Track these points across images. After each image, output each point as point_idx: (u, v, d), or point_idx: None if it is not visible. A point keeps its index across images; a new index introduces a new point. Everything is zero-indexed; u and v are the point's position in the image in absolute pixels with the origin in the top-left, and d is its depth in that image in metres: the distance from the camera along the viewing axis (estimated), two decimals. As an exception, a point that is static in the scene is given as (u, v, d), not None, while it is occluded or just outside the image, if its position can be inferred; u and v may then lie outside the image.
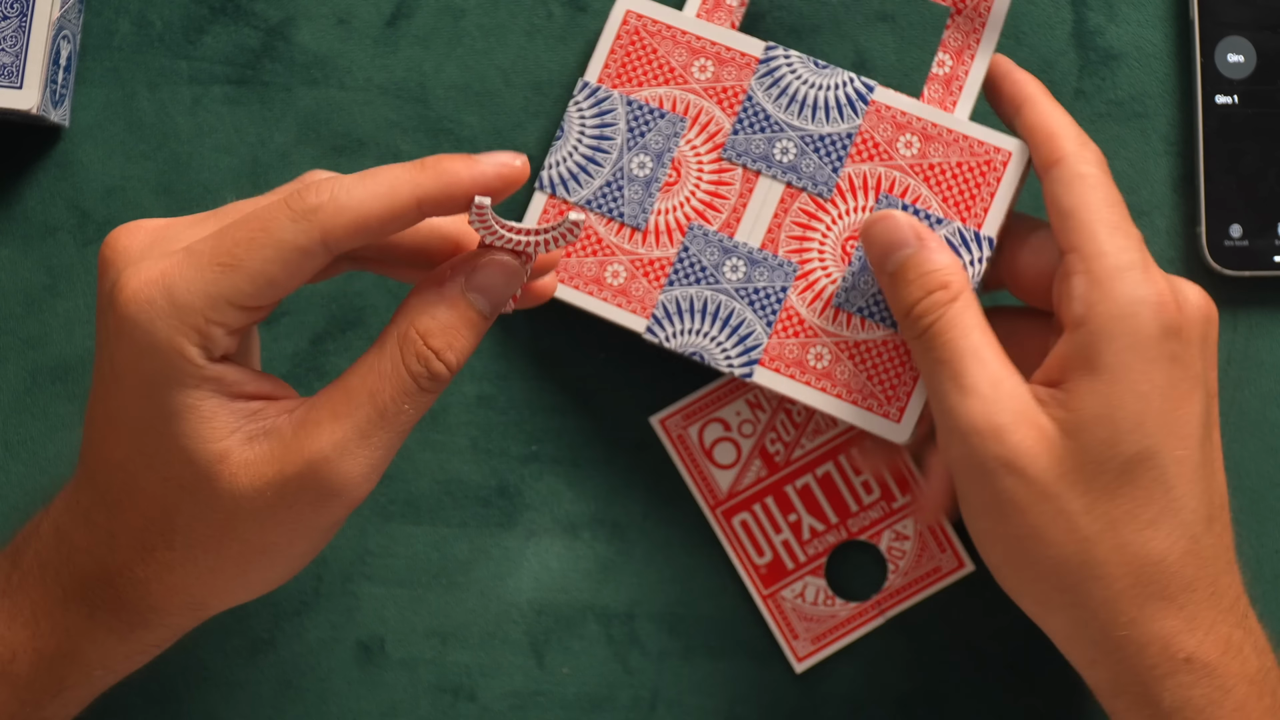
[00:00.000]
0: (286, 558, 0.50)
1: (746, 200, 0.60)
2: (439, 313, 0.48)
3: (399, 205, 0.46)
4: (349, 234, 0.46)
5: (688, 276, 0.60)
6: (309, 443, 0.47)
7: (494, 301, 0.48)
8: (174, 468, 0.47)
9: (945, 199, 0.59)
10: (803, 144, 0.60)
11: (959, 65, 0.60)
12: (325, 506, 0.48)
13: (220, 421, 0.47)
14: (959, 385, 0.50)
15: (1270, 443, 0.62)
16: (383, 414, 0.47)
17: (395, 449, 0.48)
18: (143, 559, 0.49)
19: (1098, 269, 0.50)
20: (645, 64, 0.60)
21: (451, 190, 0.47)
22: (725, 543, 0.62)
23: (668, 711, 0.61)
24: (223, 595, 0.50)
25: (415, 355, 0.47)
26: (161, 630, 0.51)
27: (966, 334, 0.50)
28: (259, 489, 0.47)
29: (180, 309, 0.46)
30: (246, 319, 0.47)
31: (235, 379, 0.48)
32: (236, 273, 0.46)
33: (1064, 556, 0.48)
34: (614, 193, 0.60)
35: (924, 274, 0.52)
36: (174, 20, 0.62)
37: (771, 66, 0.60)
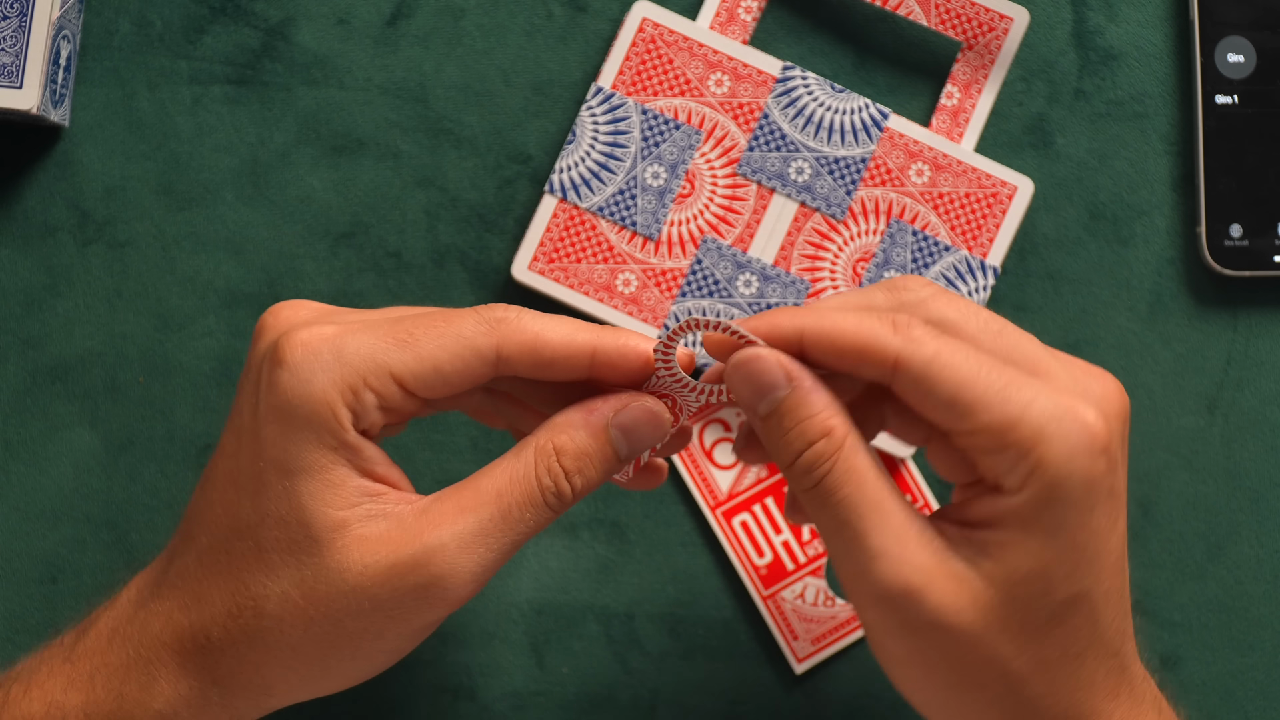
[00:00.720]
0: (370, 653, 0.48)
1: (760, 217, 0.60)
2: (579, 437, 0.48)
3: (576, 347, 0.48)
4: (523, 352, 0.47)
5: (700, 289, 0.60)
6: (430, 530, 0.47)
7: (632, 444, 0.49)
8: (289, 528, 0.47)
9: (953, 227, 0.60)
10: (818, 165, 0.60)
11: (966, 98, 0.61)
12: (427, 600, 0.47)
13: (346, 491, 0.47)
14: (864, 548, 0.46)
15: (1270, 443, 0.62)
16: (506, 517, 0.47)
17: (505, 559, 0.48)
18: (225, 623, 0.47)
19: (1016, 440, 0.45)
20: (661, 73, 0.60)
21: (625, 355, 0.48)
22: (725, 543, 0.62)
23: (668, 711, 0.61)
24: (293, 683, 0.48)
25: (548, 470, 0.48)
26: (218, 710, 0.49)
27: (861, 486, 0.46)
28: (368, 566, 0.46)
29: (344, 365, 0.46)
30: (401, 401, 0.47)
31: (372, 456, 0.48)
32: (408, 349, 0.47)
33: (995, 698, 0.47)
34: (627, 201, 0.60)
35: (801, 421, 0.46)
36: (174, 20, 0.62)
37: (788, 86, 0.60)
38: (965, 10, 0.61)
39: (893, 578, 0.45)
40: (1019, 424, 0.45)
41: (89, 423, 0.61)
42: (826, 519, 0.47)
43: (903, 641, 0.47)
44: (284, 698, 0.49)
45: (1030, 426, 0.45)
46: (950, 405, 0.45)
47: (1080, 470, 0.45)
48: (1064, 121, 0.63)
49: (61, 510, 0.61)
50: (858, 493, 0.46)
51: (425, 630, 0.48)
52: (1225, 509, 0.62)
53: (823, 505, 0.47)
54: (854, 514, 0.46)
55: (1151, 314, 0.62)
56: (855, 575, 0.46)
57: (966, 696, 0.47)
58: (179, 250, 0.62)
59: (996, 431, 0.45)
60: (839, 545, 0.47)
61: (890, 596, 0.46)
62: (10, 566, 0.61)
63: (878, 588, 0.46)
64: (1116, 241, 0.62)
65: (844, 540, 0.46)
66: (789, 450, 0.47)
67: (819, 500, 0.47)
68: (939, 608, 0.45)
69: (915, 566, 0.45)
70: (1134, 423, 0.62)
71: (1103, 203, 0.63)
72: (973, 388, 0.45)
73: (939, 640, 0.46)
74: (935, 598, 0.45)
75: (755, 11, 0.61)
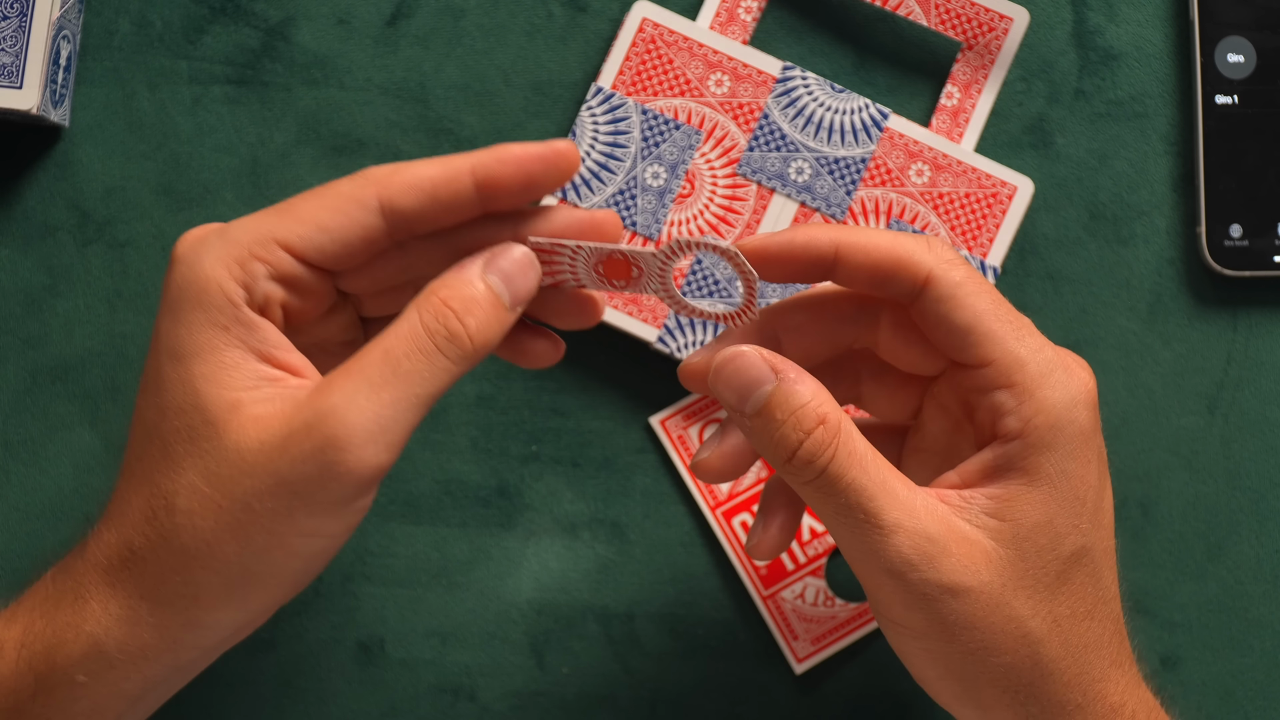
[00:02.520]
0: (287, 542, 0.46)
1: (760, 217, 0.60)
2: (457, 283, 0.47)
3: (453, 171, 0.47)
4: (404, 190, 0.47)
5: (700, 289, 0.60)
6: (319, 399, 0.45)
7: (512, 290, 0.47)
8: (186, 415, 0.46)
9: (953, 227, 0.60)
10: (818, 165, 0.60)
11: (966, 98, 0.61)
12: (329, 469, 0.45)
13: (242, 374, 0.46)
14: (877, 526, 0.46)
15: (1270, 443, 0.62)
16: (395, 367, 0.45)
17: (409, 419, 0.46)
18: (144, 529, 0.47)
19: (1021, 380, 0.47)
20: (661, 73, 0.60)
21: (504, 160, 0.47)
22: (725, 543, 0.62)
23: (668, 711, 0.61)
24: (217, 589, 0.47)
25: (431, 312, 0.46)
26: (150, 630, 0.47)
27: (865, 468, 0.46)
28: (265, 441, 0.45)
29: (228, 243, 0.46)
30: (294, 269, 0.46)
31: (269, 338, 0.47)
32: (289, 215, 0.47)
33: (1015, 662, 0.47)
34: (627, 201, 0.60)
35: (794, 411, 0.46)
36: (174, 20, 0.62)
37: (788, 86, 0.60)
38: (965, 10, 0.61)
39: (909, 550, 0.46)
40: (1026, 364, 0.47)
41: (89, 423, 0.61)
42: (832, 506, 0.47)
43: (923, 613, 0.47)
44: (214, 607, 0.47)
45: (1036, 368, 0.47)
46: (968, 331, 0.47)
47: (1078, 420, 0.47)
48: (1064, 121, 0.63)
49: (61, 510, 0.61)
50: (863, 476, 0.46)
51: (338, 509, 0.46)
52: (1225, 509, 0.62)
53: (828, 493, 0.46)
54: (862, 496, 0.46)
55: (1151, 314, 0.62)
56: (868, 555, 0.46)
57: (988, 663, 0.47)
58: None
59: (1005, 367, 0.47)
60: (848, 529, 0.47)
61: (910, 564, 0.46)
62: (10, 566, 0.61)
63: (895, 563, 0.46)
64: (1116, 241, 0.63)
65: (854, 523, 0.46)
66: (785, 444, 0.46)
67: (823, 489, 0.46)
68: (957, 570, 0.46)
69: (929, 536, 0.46)
70: (1134, 423, 0.62)
71: (1103, 203, 0.63)
72: (990, 320, 0.47)
73: (960, 605, 0.46)
74: (952, 561, 0.46)
75: (755, 11, 0.61)
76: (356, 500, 0.46)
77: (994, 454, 0.47)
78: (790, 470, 0.47)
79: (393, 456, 0.46)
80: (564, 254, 0.48)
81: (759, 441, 0.47)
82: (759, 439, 0.47)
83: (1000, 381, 0.47)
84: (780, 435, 0.46)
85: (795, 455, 0.46)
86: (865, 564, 0.47)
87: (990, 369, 0.47)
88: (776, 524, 0.51)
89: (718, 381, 0.47)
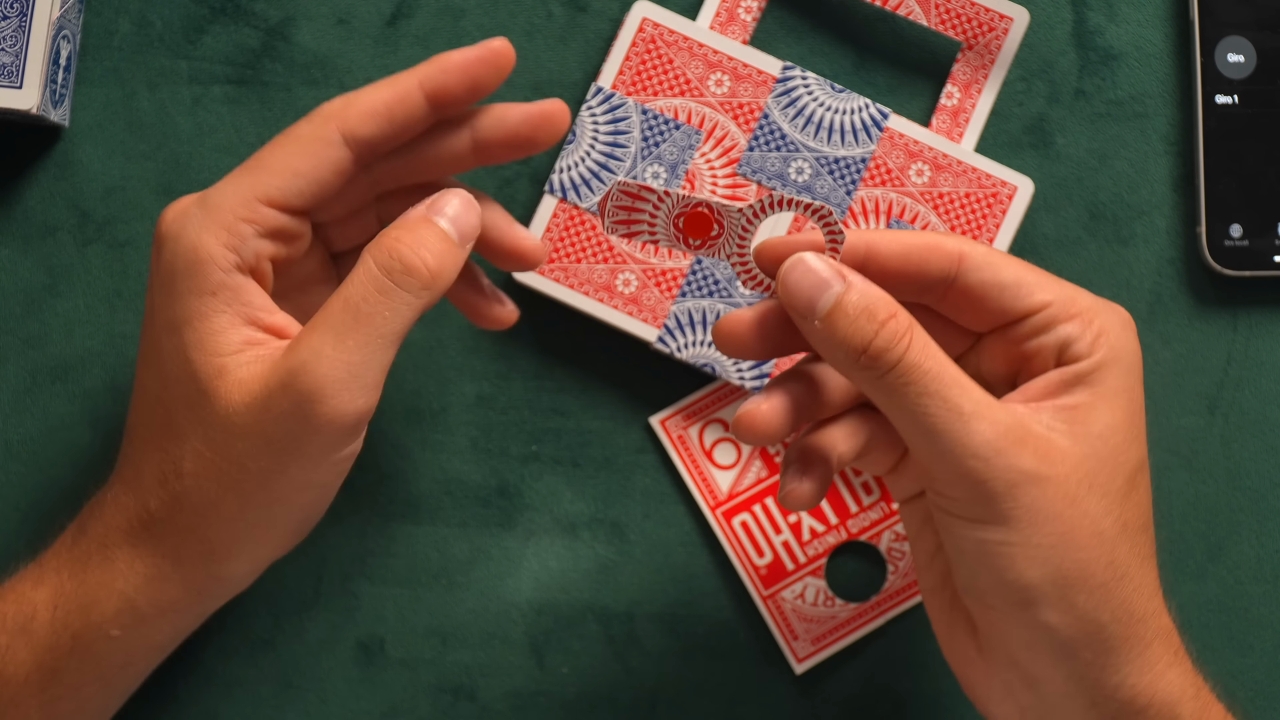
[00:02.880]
0: (286, 493, 0.49)
1: None
2: (406, 224, 0.50)
3: (402, 88, 0.51)
4: (361, 120, 0.50)
5: (700, 289, 0.60)
6: (290, 356, 0.48)
7: (459, 228, 0.50)
8: (183, 385, 0.49)
9: (954, 227, 0.60)
10: (818, 165, 0.60)
11: (966, 98, 0.61)
12: (310, 420, 0.47)
13: (227, 338, 0.49)
14: (958, 412, 0.47)
15: (1270, 443, 0.62)
16: (356, 312, 0.48)
17: (379, 359, 0.48)
18: (158, 492, 0.50)
19: (1081, 310, 0.50)
20: (661, 73, 0.60)
21: (448, 69, 0.51)
22: (725, 543, 0.62)
23: (668, 711, 0.62)
24: (229, 542, 0.50)
25: (384, 252, 0.48)
26: (176, 585, 0.51)
27: (940, 358, 0.48)
28: (248, 404, 0.48)
29: (211, 210, 0.49)
30: (278, 220, 0.49)
31: (257, 302, 0.49)
32: (262, 170, 0.49)
33: (1091, 559, 0.48)
34: None
35: (867, 307, 0.47)
36: (174, 20, 0.62)
37: (788, 86, 0.60)
38: (965, 10, 0.61)
39: (994, 433, 0.47)
40: (1079, 298, 0.50)
41: (89, 423, 0.61)
42: (910, 398, 0.47)
43: (1009, 502, 0.47)
44: (228, 560, 0.51)
45: (1089, 301, 0.50)
46: (1018, 284, 0.50)
47: (1131, 345, 0.50)
48: (1064, 121, 0.63)
49: (61, 510, 0.61)
50: (940, 365, 0.47)
51: (326, 458, 0.49)
52: (1225, 509, 0.62)
53: (906, 384, 0.47)
54: (941, 383, 0.47)
55: (1151, 314, 0.62)
56: (951, 444, 0.47)
57: (1067, 558, 0.48)
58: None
59: (1064, 303, 0.50)
60: (927, 421, 0.47)
61: (996, 449, 0.47)
62: (11, 568, 0.61)
63: (980, 448, 0.47)
64: (1116, 241, 0.63)
65: (934, 413, 0.47)
66: (860, 337, 0.47)
67: (901, 379, 0.47)
68: (1037, 458, 0.47)
69: (1010, 424, 0.47)
70: (1134, 423, 0.62)
71: (1103, 203, 0.63)
72: (1032, 272, 0.50)
73: (1041, 493, 0.47)
74: (1031, 450, 0.47)
75: (755, 11, 0.61)
76: (343, 447, 0.49)
77: (1060, 374, 0.49)
78: (866, 364, 0.47)
79: (370, 399, 0.48)
80: (648, 201, 0.49)
81: (830, 343, 0.48)
82: (830, 340, 0.48)
83: (1063, 316, 0.50)
84: (855, 329, 0.47)
85: (871, 346, 0.47)
86: (945, 457, 0.47)
87: (1052, 308, 0.50)
88: (815, 475, 0.51)
89: (786, 287, 0.48)
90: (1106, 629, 0.49)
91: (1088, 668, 0.49)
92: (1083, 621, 0.48)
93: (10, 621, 0.51)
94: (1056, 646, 0.48)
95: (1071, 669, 0.49)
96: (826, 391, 0.52)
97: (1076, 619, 0.48)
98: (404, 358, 0.62)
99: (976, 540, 0.48)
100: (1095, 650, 0.49)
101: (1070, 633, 0.48)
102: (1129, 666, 0.49)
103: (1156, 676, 0.49)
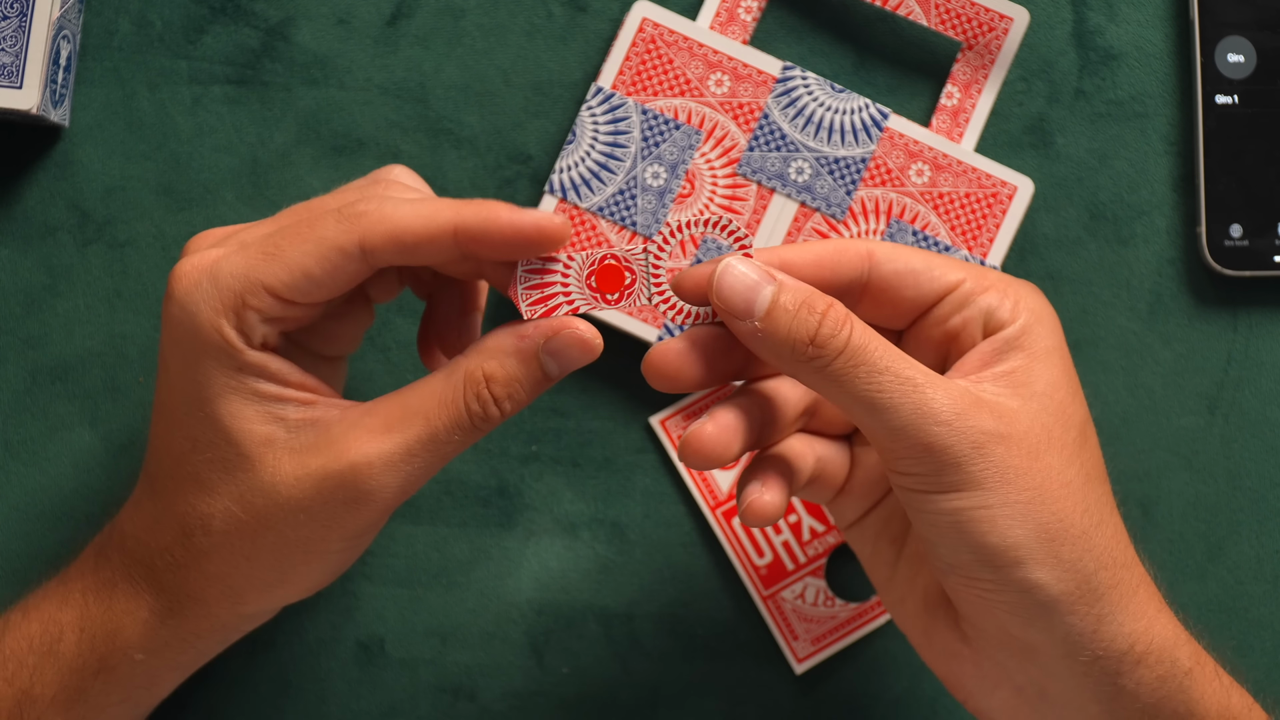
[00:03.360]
0: (322, 556, 0.51)
1: (760, 216, 0.60)
2: (509, 364, 0.49)
3: (436, 228, 0.48)
4: (385, 244, 0.48)
5: None
6: (358, 445, 0.49)
7: (563, 366, 0.50)
8: (219, 449, 0.49)
9: (954, 227, 0.60)
10: (818, 165, 0.60)
11: (966, 98, 0.61)
12: (357, 510, 0.49)
13: (266, 407, 0.49)
14: (913, 383, 0.47)
15: (1270, 443, 0.62)
16: (433, 439, 0.49)
17: (433, 474, 0.50)
18: (182, 543, 0.50)
19: (995, 282, 0.51)
20: (661, 73, 0.60)
21: (488, 227, 0.48)
22: (725, 543, 0.62)
23: (668, 711, 0.61)
24: (260, 589, 0.51)
25: (476, 396, 0.49)
26: (200, 620, 0.52)
27: (883, 340, 0.48)
28: (299, 478, 0.49)
29: (221, 290, 0.48)
30: (283, 310, 0.49)
31: (279, 370, 0.49)
32: (276, 261, 0.48)
33: (1066, 510, 0.48)
34: (627, 201, 0.60)
35: (805, 300, 0.47)
36: (174, 20, 0.62)
37: (788, 86, 0.60)
38: (965, 10, 0.61)
39: (951, 398, 0.47)
40: (989, 273, 0.51)
41: (89, 423, 0.61)
42: (861, 382, 0.47)
43: (980, 464, 0.47)
44: (257, 604, 0.52)
45: (997, 275, 0.51)
46: (928, 268, 0.51)
47: (1048, 308, 0.51)
48: (1064, 121, 0.63)
49: (61, 510, 0.61)
50: (884, 344, 0.48)
51: (366, 532, 0.51)
52: (1225, 509, 0.62)
53: (855, 368, 0.47)
54: (890, 359, 0.47)
55: (1151, 314, 0.62)
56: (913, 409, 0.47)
57: (1044, 509, 0.48)
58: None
59: (976, 278, 0.51)
60: (882, 401, 0.47)
61: (956, 417, 0.47)
62: (10, 566, 0.61)
63: (943, 413, 0.47)
64: (1116, 241, 0.63)
65: (888, 392, 0.47)
66: (804, 330, 0.47)
67: (849, 364, 0.47)
68: (996, 419, 0.48)
69: (962, 391, 0.48)
70: (1134, 423, 0.62)
71: (1103, 203, 0.63)
72: (937, 257, 0.51)
73: (1008, 452, 0.48)
74: (988, 412, 0.48)
75: (755, 11, 0.61)
76: (380, 525, 0.51)
77: (990, 343, 0.50)
78: (813, 354, 0.47)
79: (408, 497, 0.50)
80: (555, 271, 0.49)
81: (773, 342, 0.48)
82: (772, 339, 0.48)
83: (978, 289, 0.51)
84: (797, 323, 0.47)
85: (817, 335, 0.47)
86: (906, 430, 0.47)
87: (966, 283, 0.51)
88: (775, 485, 0.51)
89: (721, 292, 0.48)
90: (1094, 577, 0.48)
91: (1082, 620, 0.48)
92: (1071, 572, 0.48)
93: (38, 643, 0.52)
94: (1049, 604, 0.48)
95: (1068, 626, 0.48)
96: (774, 409, 0.52)
97: (1065, 571, 0.48)
98: (404, 357, 0.62)
99: (951, 511, 0.48)
100: (1087, 601, 0.48)
101: (1061, 587, 0.48)
102: (1122, 614, 0.49)
103: (1150, 622, 0.49)
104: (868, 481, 0.54)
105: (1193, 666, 0.50)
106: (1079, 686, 0.50)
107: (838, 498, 0.54)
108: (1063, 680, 0.49)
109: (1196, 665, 0.50)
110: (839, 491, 0.54)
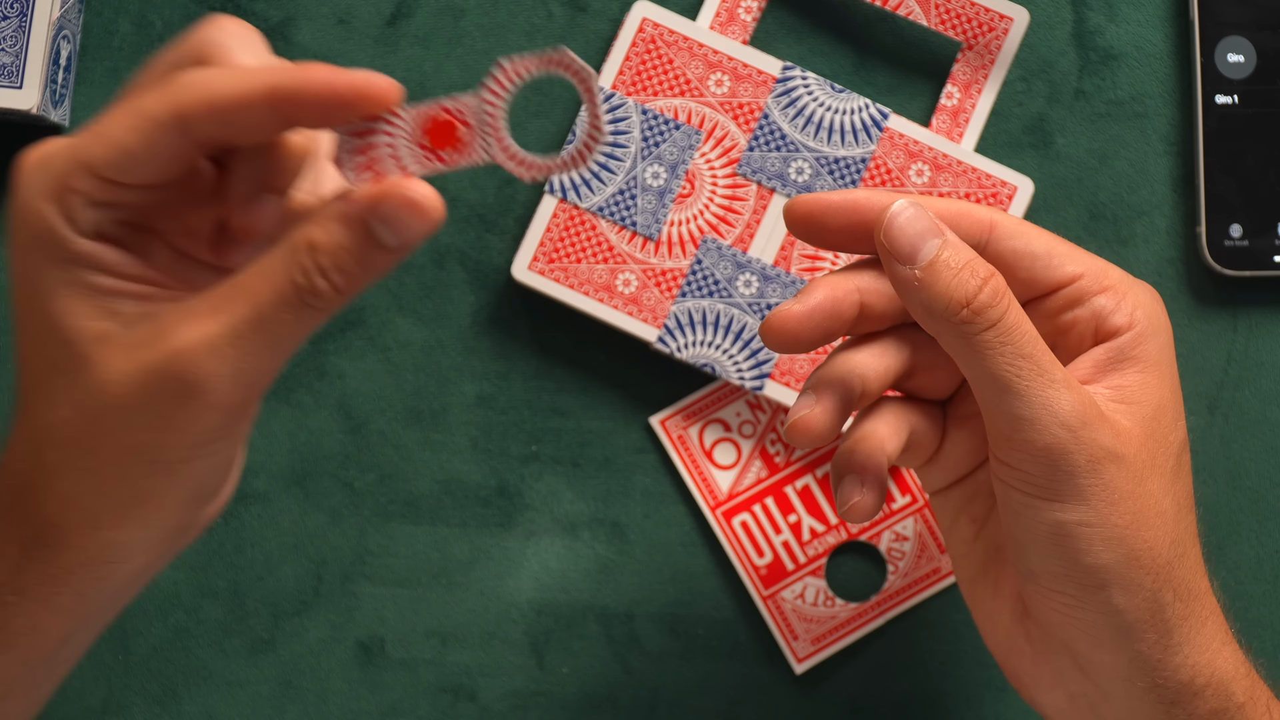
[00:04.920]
0: (168, 466, 0.45)
1: (760, 217, 0.60)
2: (335, 230, 0.44)
3: (253, 94, 0.43)
4: (202, 114, 0.43)
5: (700, 289, 0.60)
6: (182, 332, 0.44)
7: (400, 236, 0.44)
8: (54, 349, 0.45)
9: None
10: (818, 165, 0.60)
11: (966, 98, 0.61)
12: (189, 405, 0.44)
13: (100, 301, 0.45)
14: (1050, 377, 0.47)
15: (1270, 443, 0.62)
16: (260, 319, 0.44)
17: (272, 366, 0.45)
18: (35, 462, 0.46)
19: (1113, 283, 0.50)
20: (661, 73, 0.60)
21: (303, 88, 0.43)
22: (725, 543, 0.62)
23: (668, 711, 0.62)
24: (114, 510, 0.46)
25: (301, 267, 0.44)
26: (65, 551, 0.46)
27: (1032, 326, 0.47)
28: (124, 376, 0.44)
29: (49, 174, 0.44)
30: (110, 194, 0.44)
31: (114, 260, 0.45)
32: (99, 139, 0.44)
33: (1157, 539, 0.48)
34: (627, 201, 0.60)
35: (968, 263, 0.47)
36: (174, 20, 0.62)
37: (788, 86, 0.60)
38: (965, 10, 0.61)
39: (1080, 405, 0.47)
40: (1109, 271, 0.50)
41: (89, 423, 0.61)
42: (1007, 354, 0.47)
43: (1086, 478, 0.47)
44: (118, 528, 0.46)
45: (1118, 273, 0.50)
46: (1050, 254, 0.50)
47: (1164, 318, 0.50)
48: (1064, 121, 0.63)
49: (61, 510, 0.61)
50: (1031, 331, 0.47)
51: (217, 435, 0.45)
52: (1225, 509, 0.62)
53: (1003, 342, 0.47)
54: (1036, 347, 0.47)
55: (1151, 314, 0.62)
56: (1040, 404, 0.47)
57: (1138, 537, 0.48)
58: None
59: (1096, 275, 0.50)
60: (1015, 385, 0.47)
61: (1083, 421, 0.47)
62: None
63: (1069, 417, 0.47)
64: (1116, 241, 0.63)
65: (1025, 377, 0.47)
66: (964, 289, 0.46)
67: (999, 337, 0.47)
68: (1113, 437, 0.47)
69: (1089, 400, 0.47)
70: (1134, 423, 0.62)
71: (1103, 203, 0.63)
72: (1063, 243, 0.50)
73: (1118, 473, 0.47)
74: (1107, 429, 0.47)
75: (755, 11, 0.61)
76: (227, 431, 0.46)
77: (1105, 350, 0.49)
78: (967, 318, 0.47)
79: (256, 395, 0.45)
80: (381, 133, 0.44)
81: (928, 294, 0.47)
82: (929, 291, 0.47)
83: (1095, 288, 0.50)
84: (957, 283, 0.47)
85: (975, 299, 0.47)
86: (1031, 423, 0.47)
87: (1084, 279, 0.50)
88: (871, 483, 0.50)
89: (890, 233, 0.47)
90: (1169, 608, 0.48)
91: (1151, 649, 0.48)
92: (1148, 602, 0.48)
93: None
94: (1123, 630, 0.48)
95: (1135, 652, 0.48)
96: (866, 381, 0.50)
97: (1142, 600, 0.48)
98: (404, 357, 0.62)
99: (1053, 523, 0.47)
100: (1159, 631, 0.48)
101: (1136, 614, 0.48)
102: (1189, 646, 0.49)
103: (1214, 655, 0.49)
104: (956, 456, 0.53)
105: (1245, 701, 0.50)
106: (1131, 711, 0.49)
107: (928, 464, 0.53)
108: (1117, 701, 0.49)
109: (1250, 700, 0.50)
110: (930, 459, 0.53)
